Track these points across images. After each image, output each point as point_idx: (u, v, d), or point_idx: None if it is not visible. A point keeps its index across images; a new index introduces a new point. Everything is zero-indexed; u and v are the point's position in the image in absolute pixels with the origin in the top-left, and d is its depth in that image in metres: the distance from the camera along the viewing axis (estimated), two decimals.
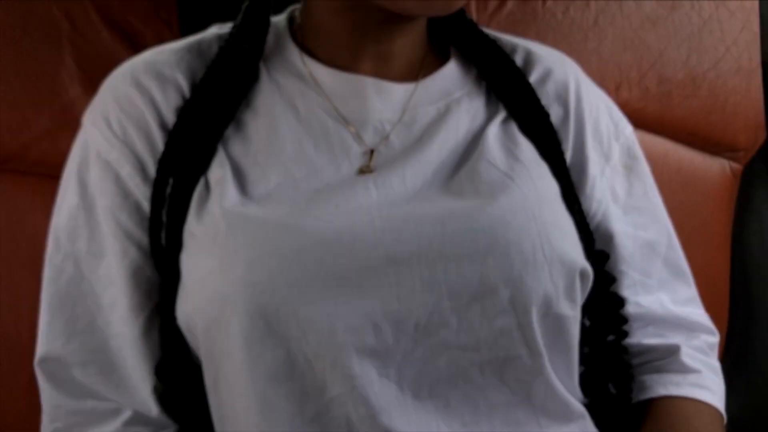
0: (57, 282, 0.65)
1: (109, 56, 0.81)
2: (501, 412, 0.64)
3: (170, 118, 0.64)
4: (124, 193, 0.64)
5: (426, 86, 0.68)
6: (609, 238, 0.72)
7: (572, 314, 0.64)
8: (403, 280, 0.59)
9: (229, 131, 0.65)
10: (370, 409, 0.59)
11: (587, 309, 0.69)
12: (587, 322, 0.71)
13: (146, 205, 0.64)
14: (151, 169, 0.64)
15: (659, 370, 0.73)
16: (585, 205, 0.71)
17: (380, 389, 0.60)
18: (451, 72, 0.70)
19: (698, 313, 0.76)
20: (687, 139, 0.99)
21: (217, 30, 0.70)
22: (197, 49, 0.68)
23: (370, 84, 0.66)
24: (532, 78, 0.71)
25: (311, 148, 0.64)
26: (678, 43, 0.98)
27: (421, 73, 0.69)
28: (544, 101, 0.70)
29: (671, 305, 0.74)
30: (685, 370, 0.72)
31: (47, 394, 0.65)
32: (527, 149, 0.67)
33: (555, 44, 0.79)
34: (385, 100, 0.67)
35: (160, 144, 0.64)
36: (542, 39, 0.86)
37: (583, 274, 0.65)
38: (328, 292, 0.58)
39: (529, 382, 0.64)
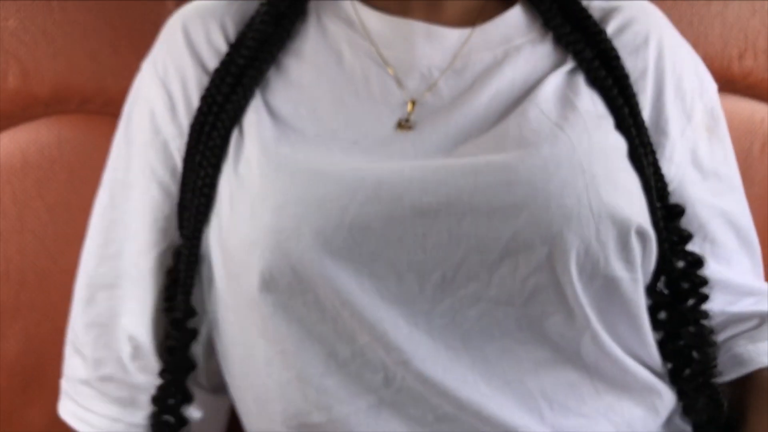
0: (99, 208, 0.68)
1: None
2: (549, 371, 0.61)
3: (212, 61, 0.65)
4: (155, 130, 0.66)
5: (484, 31, 0.65)
6: (684, 204, 0.67)
7: (628, 276, 0.60)
8: (429, 232, 0.58)
9: (271, 76, 0.64)
10: (402, 354, 0.58)
11: (662, 270, 0.65)
12: (663, 287, 0.67)
13: (172, 146, 0.65)
14: (181, 110, 0.65)
15: (754, 340, 0.69)
16: (664, 168, 0.66)
17: (410, 336, 0.59)
18: (514, 18, 0.66)
19: (764, 285, 0.72)
20: None
21: None
22: None
23: (419, 28, 0.64)
24: (610, 27, 0.67)
25: (352, 97, 0.63)
26: None
27: (480, 19, 0.65)
28: (621, 52, 0.66)
29: (741, 276, 0.70)
30: None
31: (73, 312, 0.68)
32: (590, 100, 0.63)
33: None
34: (435, 45, 0.64)
35: (193, 88, 0.65)
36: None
37: (641, 234, 0.60)
38: (352, 240, 0.57)
39: (575, 339, 0.60)
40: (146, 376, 0.66)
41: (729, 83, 0.75)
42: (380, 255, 0.58)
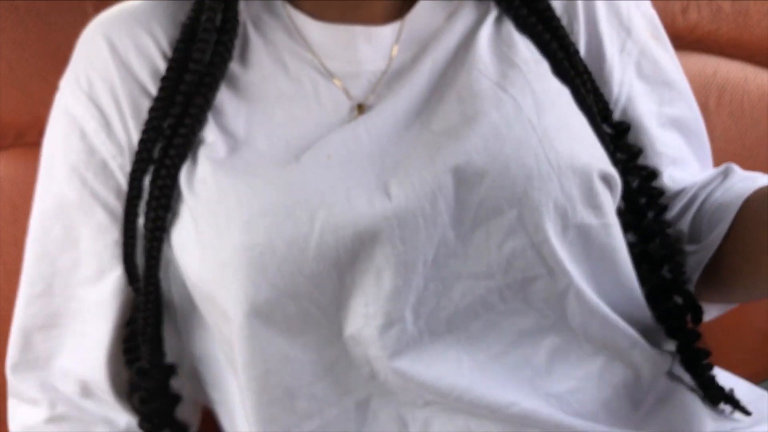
0: (28, 243, 0.65)
1: None
2: (531, 339, 0.60)
3: (143, 71, 0.62)
4: (90, 150, 0.63)
5: (411, 23, 0.64)
6: (637, 119, 0.67)
7: (598, 222, 0.60)
8: (404, 222, 0.56)
9: (222, 91, 0.61)
10: (382, 350, 0.57)
11: (627, 206, 0.64)
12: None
13: (113, 164, 0.62)
14: (117, 126, 0.62)
15: (726, 190, 0.66)
16: (605, 92, 0.66)
17: (392, 331, 0.57)
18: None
19: None
20: None
21: None
22: None
23: (359, 33, 0.63)
24: None
25: (304, 111, 0.61)
26: None
27: (405, 7, 0.65)
28: None
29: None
30: (750, 176, 0.67)
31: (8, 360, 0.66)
32: (524, 48, 0.63)
33: None
34: (376, 47, 0.63)
35: (125, 101, 0.62)
36: None
37: (605, 178, 0.60)
38: (326, 245, 0.56)
39: (560, 302, 0.59)
40: (105, 408, 0.64)
41: (675, 39, 0.73)
42: (359, 256, 0.57)
